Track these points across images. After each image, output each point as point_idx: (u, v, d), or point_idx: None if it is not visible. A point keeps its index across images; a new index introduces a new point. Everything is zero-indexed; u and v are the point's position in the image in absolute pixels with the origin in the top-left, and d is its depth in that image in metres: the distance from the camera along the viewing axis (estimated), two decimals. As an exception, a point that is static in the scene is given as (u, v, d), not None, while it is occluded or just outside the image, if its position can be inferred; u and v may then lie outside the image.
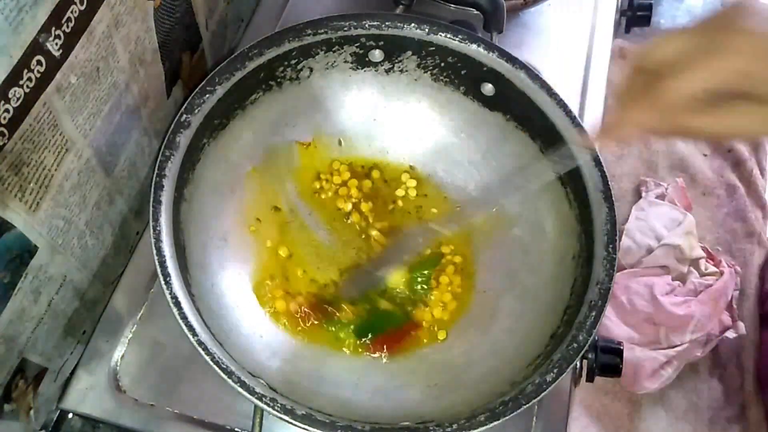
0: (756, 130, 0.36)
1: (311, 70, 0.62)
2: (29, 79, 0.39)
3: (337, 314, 0.58)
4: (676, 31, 0.37)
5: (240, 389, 0.45)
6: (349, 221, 0.63)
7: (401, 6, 0.68)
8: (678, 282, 0.80)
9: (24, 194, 0.43)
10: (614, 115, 0.40)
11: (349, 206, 0.64)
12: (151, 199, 0.50)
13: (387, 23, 0.60)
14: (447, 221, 0.64)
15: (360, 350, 0.57)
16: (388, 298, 0.60)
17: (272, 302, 0.58)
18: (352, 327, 0.58)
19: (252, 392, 0.45)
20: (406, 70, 0.64)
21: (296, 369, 0.55)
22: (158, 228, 0.49)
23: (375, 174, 0.66)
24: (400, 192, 0.65)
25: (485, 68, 0.61)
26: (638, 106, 0.38)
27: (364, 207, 0.64)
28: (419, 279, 0.61)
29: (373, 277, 0.60)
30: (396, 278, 0.61)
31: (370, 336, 0.58)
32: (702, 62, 0.35)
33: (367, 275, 0.61)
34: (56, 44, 0.41)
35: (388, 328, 0.59)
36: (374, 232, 0.63)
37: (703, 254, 0.82)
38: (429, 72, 0.63)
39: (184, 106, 0.53)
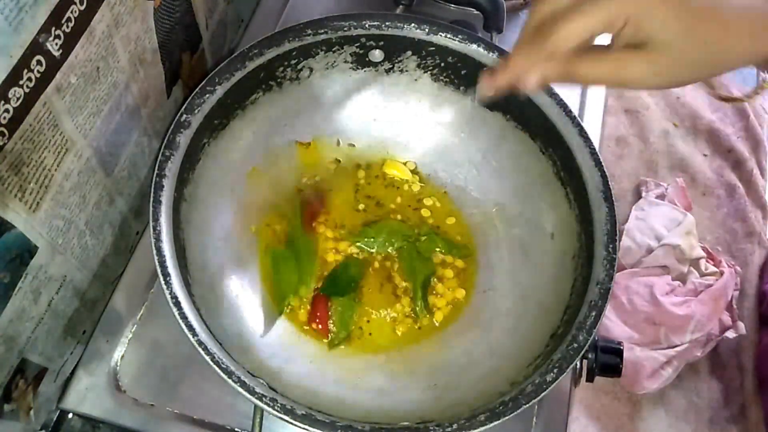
0: (647, 79, 0.37)
1: (311, 70, 0.62)
2: (29, 79, 0.39)
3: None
4: None
5: (240, 389, 0.45)
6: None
7: (401, 6, 0.68)
8: (678, 282, 0.80)
9: (24, 194, 0.43)
10: (509, 61, 0.40)
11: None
12: (151, 199, 0.50)
13: (387, 23, 0.60)
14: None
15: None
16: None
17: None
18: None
19: (252, 392, 0.45)
20: (406, 70, 0.64)
21: (296, 369, 0.55)
22: (158, 228, 0.49)
23: (375, 174, 0.66)
24: (399, 192, 0.65)
25: (485, 68, 0.60)
26: (529, 52, 0.39)
27: (363, 207, 0.64)
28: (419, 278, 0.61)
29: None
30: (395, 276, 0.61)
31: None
32: (586, 8, 0.36)
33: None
34: (56, 44, 0.41)
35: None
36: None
37: (704, 254, 0.82)
38: (429, 72, 0.63)
39: (184, 106, 0.53)
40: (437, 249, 0.62)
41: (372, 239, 0.61)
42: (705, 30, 0.36)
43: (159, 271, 0.48)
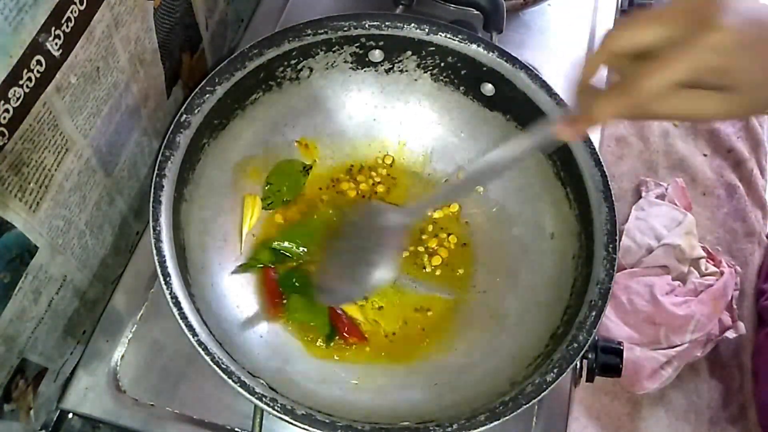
0: (721, 114, 0.38)
1: (311, 70, 0.62)
2: (29, 79, 0.39)
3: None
4: (649, 16, 0.38)
5: (240, 389, 0.45)
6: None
7: (401, 6, 0.68)
8: (678, 282, 0.80)
9: (24, 194, 0.43)
10: (585, 102, 0.41)
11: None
12: (151, 199, 0.50)
13: (387, 23, 0.60)
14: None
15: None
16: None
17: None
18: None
19: (252, 392, 0.45)
20: (406, 70, 0.64)
21: (296, 369, 0.55)
22: (158, 228, 0.49)
23: (374, 174, 0.66)
24: (399, 191, 0.65)
25: (485, 68, 0.61)
26: (611, 94, 0.39)
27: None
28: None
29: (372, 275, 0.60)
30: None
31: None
32: (676, 56, 0.36)
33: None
34: (56, 44, 0.41)
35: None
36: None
37: (704, 254, 0.82)
38: (429, 72, 0.63)
39: (184, 106, 0.53)
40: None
41: None
42: None
43: (159, 271, 0.48)
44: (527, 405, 0.47)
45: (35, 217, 0.45)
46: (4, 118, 0.38)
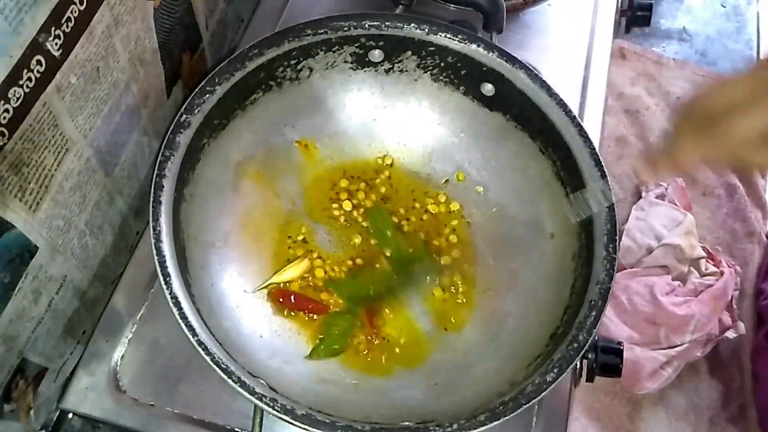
0: None
1: (311, 70, 0.62)
2: (29, 79, 0.39)
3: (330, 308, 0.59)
4: (730, 79, 0.41)
5: (240, 389, 0.45)
6: (348, 223, 0.63)
7: (401, 6, 0.68)
8: (678, 282, 0.80)
9: (24, 194, 0.43)
10: (671, 149, 0.43)
11: (349, 206, 0.63)
12: (151, 199, 0.50)
13: (387, 23, 0.60)
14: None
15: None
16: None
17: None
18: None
19: (252, 392, 0.45)
20: (406, 71, 0.64)
21: (296, 369, 0.55)
22: (158, 228, 0.49)
23: (374, 174, 0.66)
24: (399, 191, 0.65)
25: (485, 68, 0.61)
26: (697, 142, 0.41)
27: (365, 206, 0.64)
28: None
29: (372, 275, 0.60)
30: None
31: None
32: (758, 109, 0.38)
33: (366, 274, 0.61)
34: (56, 44, 0.41)
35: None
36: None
37: (704, 254, 0.82)
38: (429, 72, 0.63)
39: (184, 106, 0.53)
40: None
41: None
42: None
43: (159, 271, 0.48)
44: (527, 405, 0.47)
45: (35, 217, 0.45)
46: (4, 118, 0.38)
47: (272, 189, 0.63)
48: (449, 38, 0.60)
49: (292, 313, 0.58)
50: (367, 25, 0.60)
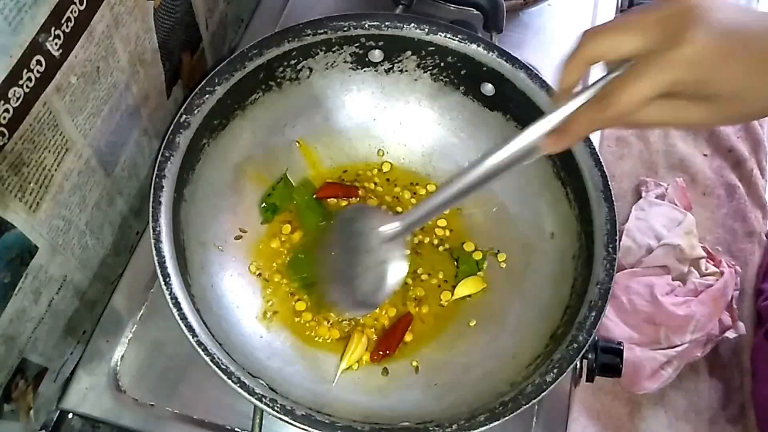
0: (705, 123, 0.38)
1: (311, 70, 0.62)
2: (29, 79, 0.39)
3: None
4: (624, 25, 0.38)
5: (240, 389, 0.45)
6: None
7: (401, 6, 0.68)
8: (678, 282, 0.80)
9: (24, 194, 0.43)
10: (572, 124, 0.41)
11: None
12: (151, 200, 0.50)
13: (387, 23, 0.60)
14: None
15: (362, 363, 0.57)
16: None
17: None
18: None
19: (252, 392, 0.45)
20: (406, 70, 0.64)
21: (296, 369, 0.55)
22: (158, 228, 0.49)
23: (374, 174, 0.66)
24: (398, 191, 0.65)
25: (485, 68, 0.61)
26: (589, 108, 0.39)
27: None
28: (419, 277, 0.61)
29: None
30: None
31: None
32: (650, 70, 0.36)
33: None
34: (56, 44, 0.41)
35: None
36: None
37: (704, 254, 0.82)
38: (429, 72, 0.63)
39: (183, 107, 0.53)
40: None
41: None
42: None
43: (159, 271, 0.48)
44: (527, 405, 0.47)
45: (35, 217, 0.45)
46: (4, 118, 0.38)
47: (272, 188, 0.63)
48: (449, 38, 0.60)
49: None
50: (366, 25, 0.60)
